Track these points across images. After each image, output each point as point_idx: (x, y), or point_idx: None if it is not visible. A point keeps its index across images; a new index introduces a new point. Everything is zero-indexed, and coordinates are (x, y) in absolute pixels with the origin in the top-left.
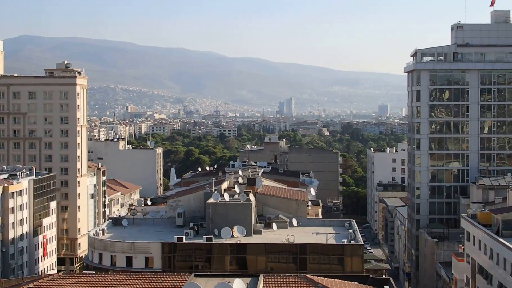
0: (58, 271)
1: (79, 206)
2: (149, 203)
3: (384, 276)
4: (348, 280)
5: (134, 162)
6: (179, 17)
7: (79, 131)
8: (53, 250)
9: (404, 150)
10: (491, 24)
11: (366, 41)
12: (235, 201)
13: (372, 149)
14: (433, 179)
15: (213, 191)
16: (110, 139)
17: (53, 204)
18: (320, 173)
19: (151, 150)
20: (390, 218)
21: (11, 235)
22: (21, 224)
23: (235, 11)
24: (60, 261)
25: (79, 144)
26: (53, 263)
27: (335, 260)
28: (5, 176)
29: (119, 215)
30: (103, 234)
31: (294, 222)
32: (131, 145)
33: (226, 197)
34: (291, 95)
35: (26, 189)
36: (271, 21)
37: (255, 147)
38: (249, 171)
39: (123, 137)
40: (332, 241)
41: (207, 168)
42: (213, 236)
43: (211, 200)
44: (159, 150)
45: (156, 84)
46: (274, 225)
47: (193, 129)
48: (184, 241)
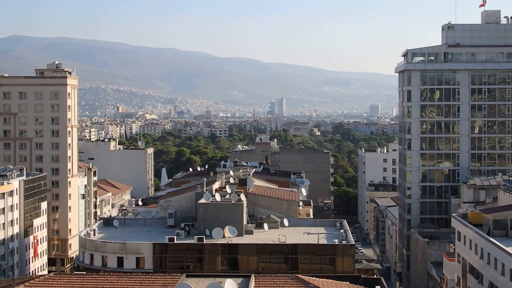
0: (49, 271)
1: (70, 207)
2: (140, 203)
3: (375, 276)
4: (339, 280)
5: (125, 162)
6: (170, 17)
7: (69, 131)
8: (44, 251)
9: (395, 150)
10: (481, 24)
11: (357, 41)
12: (226, 201)
13: (363, 149)
14: (424, 179)
15: (204, 191)
16: (101, 139)
17: (44, 205)
18: (311, 173)
19: (142, 151)
20: (381, 218)
21: (1, 236)
22: (11, 225)
23: (226, 11)
24: (51, 261)
25: (70, 144)
26: (44, 264)
27: (327, 260)
28: None
29: (110, 216)
30: (94, 235)
31: (286, 222)
32: (122, 146)
33: (218, 197)
34: (282, 95)
35: (16, 189)
36: (262, 21)
37: (246, 147)
38: (240, 171)
39: (114, 137)
40: (323, 241)
41: (198, 169)
42: (204, 237)
43: (202, 201)
44: (150, 151)
45: (147, 84)
46: (266, 225)
47: (184, 129)
48: (176, 242)
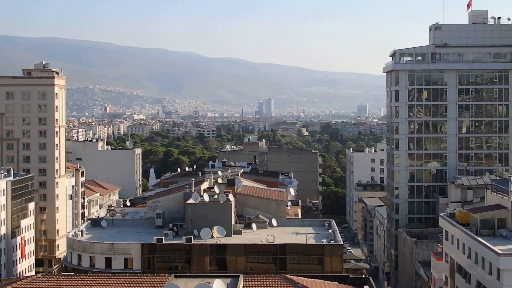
0: (37, 272)
1: (57, 207)
2: (128, 204)
3: (363, 276)
4: (327, 280)
5: (113, 162)
6: (158, 17)
7: (57, 131)
8: (31, 252)
9: (383, 150)
10: (469, 25)
11: (345, 41)
12: (214, 201)
13: (351, 149)
14: (411, 179)
15: (193, 191)
16: (89, 139)
17: (31, 206)
18: (300, 173)
19: (130, 151)
20: (369, 218)
21: None
22: None
23: (213, 11)
24: (39, 262)
25: (57, 145)
26: (31, 265)
27: (315, 260)
28: None
29: (98, 216)
30: (82, 235)
31: (274, 222)
32: (109, 146)
33: (206, 197)
34: (270, 95)
35: (3, 190)
36: (250, 21)
37: (235, 147)
38: (228, 171)
39: (101, 137)
40: (311, 241)
41: (187, 169)
42: (192, 237)
43: (190, 201)
44: (138, 151)
45: (135, 85)
46: (254, 226)
47: (172, 129)
48: (164, 242)
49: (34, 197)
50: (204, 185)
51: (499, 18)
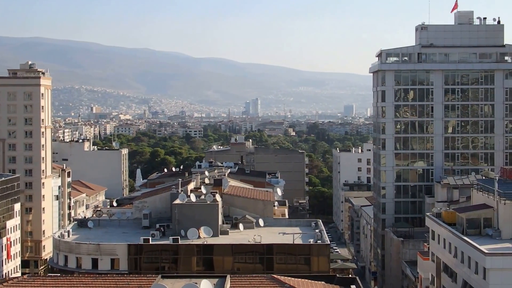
0: (23, 274)
1: (43, 208)
2: (115, 204)
3: (350, 276)
4: (314, 279)
5: (99, 163)
6: (145, 17)
7: (43, 132)
8: (17, 253)
9: (370, 150)
10: (454, 25)
11: (331, 41)
12: (201, 202)
13: (338, 149)
14: (398, 178)
15: (180, 192)
16: (75, 140)
17: (17, 206)
18: (287, 173)
19: (116, 151)
20: (356, 218)
21: None
22: None
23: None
24: (25, 263)
25: (43, 145)
26: (17, 266)
27: (302, 260)
28: None
29: (85, 217)
30: (68, 236)
31: (261, 222)
32: (96, 146)
33: (193, 198)
34: (257, 96)
35: None
36: (237, 21)
37: (221, 147)
38: (215, 171)
39: (88, 138)
40: (298, 241)
41: (173, 169)
42: (179, 237)
43: (177, 201)
44: (125, 151)
45: (121, 85)
46: (241, 226)
47: (159, 129)
48: (151, 243)
49: (20, 197)
50: (191, 185)
51: (484, 18)
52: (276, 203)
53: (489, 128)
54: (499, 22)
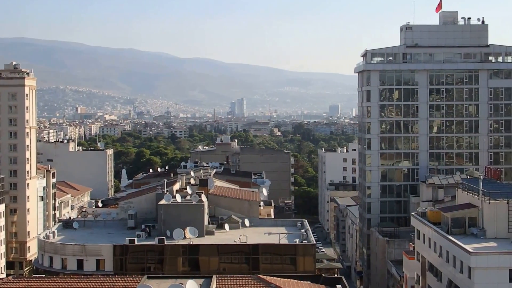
0: (7, 275)
1: (28, 209)
2: (100, 205)
3: (336, 275)
4: (300, 279)
5: (84, 163)
6: (129, 17)
7: (28, 132)
8: (1, 254)
9: (355, 150)
10: (439, 25)
11: (316, 41)
12: (187, 202)
13: (323, 149)
14: (383, 178)
15: (165, 192)
16: (60, 140)
17: (1, 207)
18: (272, 173)
19: (101, 152)
20: (342, 218)
21: None
22: None
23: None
24: (9, 265)
25: (28, 146)
26: (1, 267)
27: (288, 260)
28: None
29: (70, 218)
30: (53, 237)
31: (247, 222)
32: (81, 147)
33: (178, 198)
34: (242, 96)
35: None
36: (222, 21)
37: (207, 147)
38: (201, 172)
39: (73, 138)
40: (284, 241)
41: (159, 169)
42: (165, 238)
43: (163, 202)
44: (110, 152)
45: (106, 85)
46: (227, 226)
47: (144, 130)
48: (136, 243)
49: (4, 198)
50: (177, 186)
51: (469, 18)
52: (262, 203)
53: (473, 127)
54: (483, 22)
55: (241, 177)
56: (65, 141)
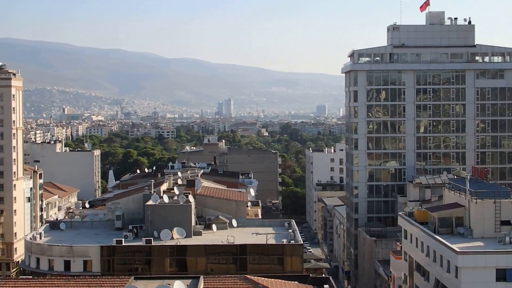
0: None
1: (15, 210)
2: (87, 206)
3: (323, 275)
4: (288, 279)
5: (71, 164)
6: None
7: (14, 133)
8: None
9: (342, 150)
10: (426, 25)
11: (303, 42)
12: (174, 202)
13: (311, 149)
14: (370, 178)
15: (152, 193)
16: (47, 141)
17: None
18: (260, 173)
19: (88, 152)
20: (329, 218)
21: None
22: None
23: (172, 12)
24: None
25: (14, 147)
26: None
27: (275, 260)
28: None
29: (57, 219)
30: (40, 238)
31: (234, 223)
32: (68, 148)
33: (165, 199)
34: (230, 96)
35: None
36: (209, 22)
37: (194, 148)
38: (188, 172)
39: (60, 139)
40: (271, 241)
41: (146, 170)
42: (152, 238)
43: (150, 202)
44: (97, 152)
45: (93, 86)
46: (214, 226)
47: (131, 130)
48: (123, 244)
49: None
50: (164, 186)
51: (455, 19)
52: (249, 204)
53: (460, 127)
54: (469, 22)
55: (228, 177)
56: (52, 142)
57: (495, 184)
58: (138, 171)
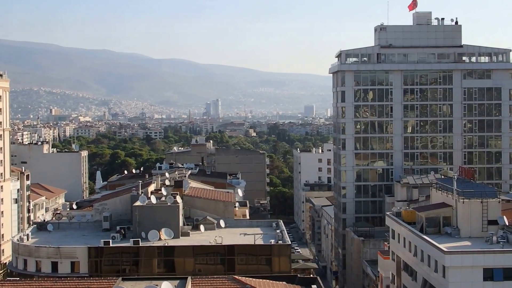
0: None
1: (2, 212)
2: (74, 207)
3: (311, 275)
4: (276, 280)
5: (58, 165)
6: (104, 18)
7: (1, 135)
8: None
9: (330, 150)
10: (413, 26)
11: (291, 42)
12: (162, 203)
13: (299, 149)
14: (358, 178)
15: (140, 194)
16: (34, 142)
17: None
18: (247, 174)
19: (76, 153)
20: (317, 218)
21: None
22: None
23: (160, 13)
24: None
25: (1, 148)
26: None
27: (263, 260)
28: None
29: (44, 220)
30: (28, 240)
31: (222, 223)
32: (55, 149)
33: (153, 199)
34: (217, 97)
35: None
36: (197, 22)
37: (182, 149)
38: (176, 173)
39: (47, 140)
40: (259, 241)
41: (134, 171)
42: (140, 239)
43: (137, 203)
44: (84, 153)
45: (80, 86)
46: (202, 227)
47: (119, 131)
48: (111, 245)
49: None
50: (152, 187)
51: (442, 19)
52: (237, 204)
53: (447, 127)
54: (456, 22)
55: (216, 178)
56: (39, 143)
57: (482, 184)
58: (126, 172)
